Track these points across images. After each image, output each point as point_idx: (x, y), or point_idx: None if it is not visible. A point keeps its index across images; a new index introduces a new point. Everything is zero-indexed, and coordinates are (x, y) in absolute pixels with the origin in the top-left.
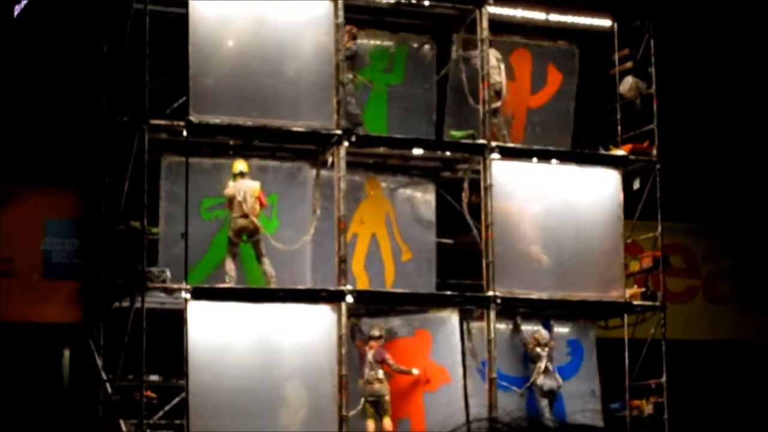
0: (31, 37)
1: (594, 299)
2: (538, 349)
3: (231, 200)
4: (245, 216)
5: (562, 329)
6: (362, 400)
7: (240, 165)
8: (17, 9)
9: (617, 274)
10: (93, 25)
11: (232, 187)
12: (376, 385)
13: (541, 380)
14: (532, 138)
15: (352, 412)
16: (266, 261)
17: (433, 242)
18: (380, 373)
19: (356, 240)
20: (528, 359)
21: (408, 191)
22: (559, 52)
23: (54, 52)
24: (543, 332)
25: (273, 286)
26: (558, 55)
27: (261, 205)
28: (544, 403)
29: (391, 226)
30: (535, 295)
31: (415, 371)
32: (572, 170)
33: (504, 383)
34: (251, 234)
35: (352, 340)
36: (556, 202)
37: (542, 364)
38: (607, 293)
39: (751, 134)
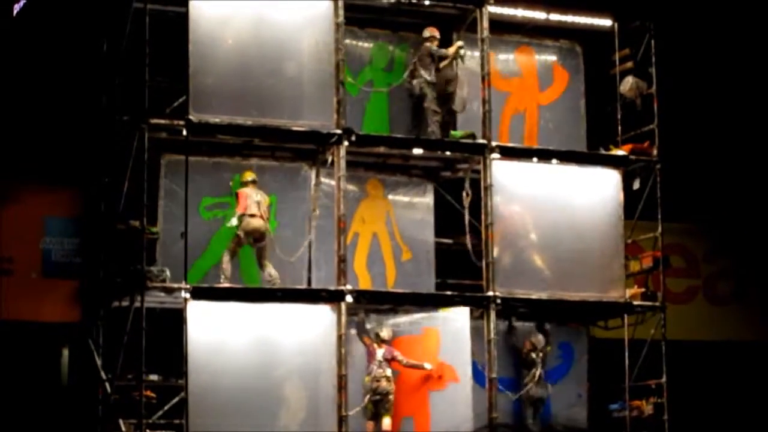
0: (30, 36)
1: (594, 299)
2: (533, 355)
3: (244, 199)
4: (261, 217)
5: (554, 332)
6: (366, 397)
7: (250, 174)
8: (17, 7)
9: (617, 275)
10: (93, 24)
11: (248, 189)
12: (384, 383)
13: (532, 388)
14: (545, 135)
15: (353, 411)
16: (269, 264)
17: (432, 242)
18: (388, 371)
19: (358, 239)
20: (519, 362)
21: (407, 191)
22: (562, 50)
23: (54, 50)
24: (539, 337)
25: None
26: (561, 54)
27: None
28: (530, 411)
29: (392, 226)
30: (534, 296)
31: (428, 366)
32: (572, 170)
33: (500, 387)
34: (260, 238)
35: (359, 336)
36: (556, 202)
37: (537, 371)
38: (607, 293)
39: (751, 134)
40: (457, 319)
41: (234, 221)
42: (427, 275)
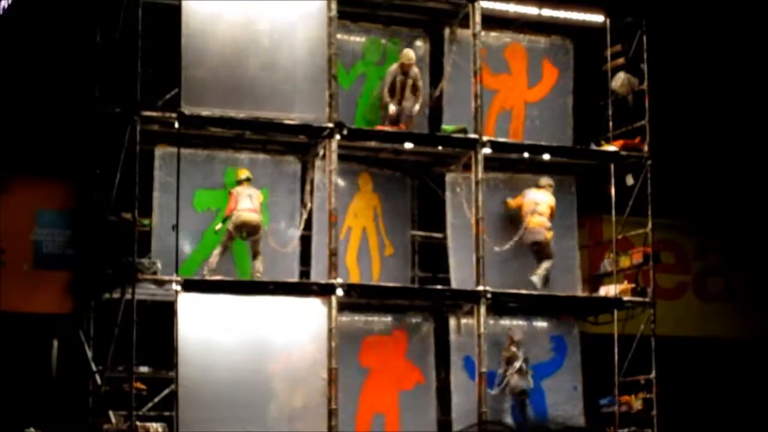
0: (23, 28)
1: (584, 295)
2: (513, 349)
3: (235, 200)
4: (253, 211)
5: (545, 325)
6: None
7: (245, 172)
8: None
9: (576, 276)
10: (86, 16)
11: (240, 188)
12: None
13: (514, 380)
14: (531, 132)
15: None
16: (259, 259)
17: (409, 237)
18: None
19: (350, 233)
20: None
21: (392, 186)
22: (553, 47)
23: (46, 42)
24: (516, 330)
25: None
26: (552, 50)
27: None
28: (509, 404)
29: (378, 221)
30: (524, 291)
31: None
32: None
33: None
34: (252, 231)
35: None
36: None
37: (518, 364)
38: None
39: (742, 131)
40: (423, 324)
41: (219, 226)
42: (411, 270)
